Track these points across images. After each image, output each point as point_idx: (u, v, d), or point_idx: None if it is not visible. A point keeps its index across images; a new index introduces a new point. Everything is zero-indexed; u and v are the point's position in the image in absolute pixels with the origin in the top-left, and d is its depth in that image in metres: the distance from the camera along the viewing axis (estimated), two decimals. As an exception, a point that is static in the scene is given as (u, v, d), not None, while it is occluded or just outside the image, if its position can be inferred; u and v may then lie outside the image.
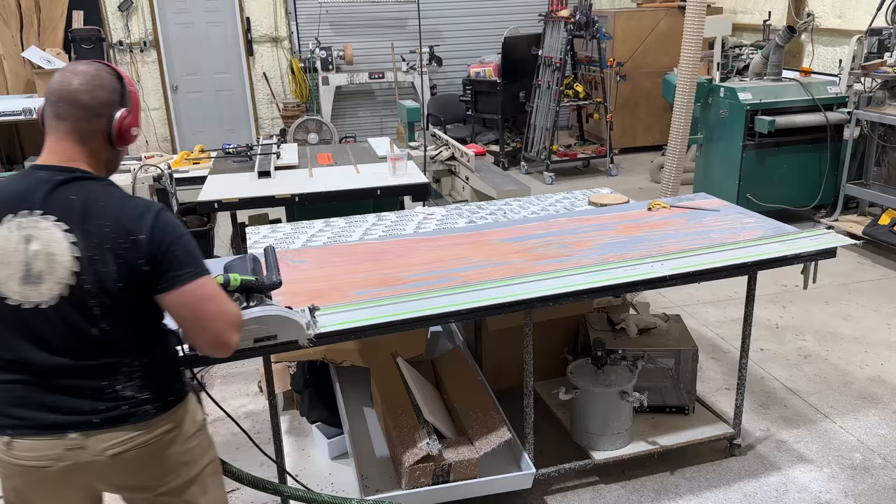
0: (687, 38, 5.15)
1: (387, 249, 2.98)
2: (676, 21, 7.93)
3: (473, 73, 8.42)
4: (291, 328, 2.02)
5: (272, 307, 1.96)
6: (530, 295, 2.48)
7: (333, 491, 2.90)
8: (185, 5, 8.48)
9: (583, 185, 7.24)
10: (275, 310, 1.96)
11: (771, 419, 3.43)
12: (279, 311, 1.98)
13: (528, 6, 9.16)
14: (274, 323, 1.97)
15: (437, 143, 5.16)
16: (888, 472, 3.04)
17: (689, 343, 3.25)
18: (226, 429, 3.52)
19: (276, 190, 3.94)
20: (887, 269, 5.15)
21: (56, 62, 7.08)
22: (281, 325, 1.99)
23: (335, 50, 8.61)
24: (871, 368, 3.86)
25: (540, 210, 3.56)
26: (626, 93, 8.39)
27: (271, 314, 1.94)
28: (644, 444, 3.03)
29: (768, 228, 3.05)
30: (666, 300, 4.66)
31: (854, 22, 6.76)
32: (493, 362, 3.40)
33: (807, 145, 5.92)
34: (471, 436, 2.70)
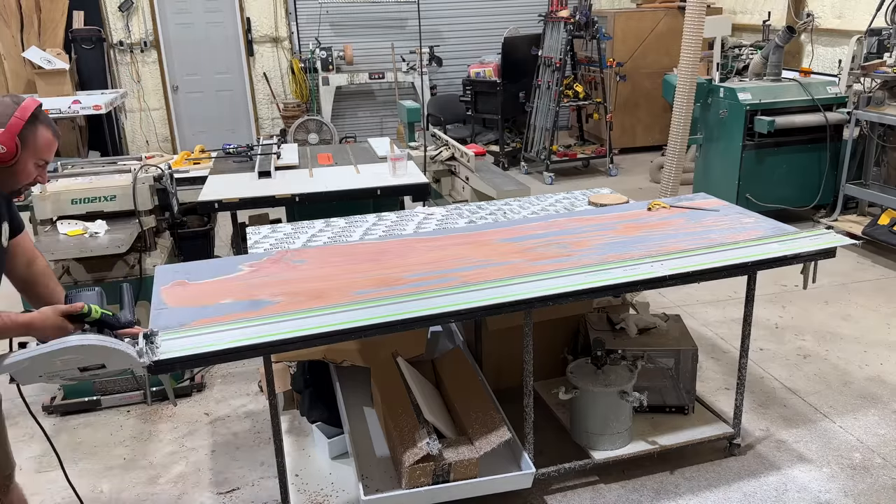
0: (687, 39, 5.15)
1: (387, 249, 2.98)
2: (676, 21, 7.93)
3: (473, 73, 8.42)
4: (118, 357, 1.97)
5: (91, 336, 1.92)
6: (530, 295, 2.48)
7: (334, 490, 2.90)
8: (185, 5, 8.48)
9: (583, 185, 7.25)
10: (93, 339, 1.91)
11: (770, 419, 3.44)
12: (99, 340, 1.92)
13: (528, 6, 9.16)
14: (97, 352, 1.92)
15: (437, 144, 5.16)
16: (888, 472, 3.04)
17: (689, 343, 3.26)
18: (226, 429, 3.52)
19: (276, 190, 3.94)
20: (887, 269, 5.15)
21: (56, 62, 7.09)
22: (104, 355, 1.94)
23: (335, 50, 8.61)
24: (871, 368, 3.86)
25: (540, 210, 3.57)
26: (626, 93, 8.40)
27: (88, 344, 1.90)
28: (644, 444, 3.03)
29: (768, 228, 3.05)
30: (666, 300, 4.67)
31: (854, 22, 6.77)
32: (493, 362, 3.40)
33: (806, 145, 5.92)
34: (471, 435, 2.70)
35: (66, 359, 1.88)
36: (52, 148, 2.01)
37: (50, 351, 1.87)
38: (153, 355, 2.06)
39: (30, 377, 1.91)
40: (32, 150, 1.94)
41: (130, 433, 3.50)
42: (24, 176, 1.97)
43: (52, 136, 2.00)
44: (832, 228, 4.91)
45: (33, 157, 1.95)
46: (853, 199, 5.93)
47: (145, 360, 2.02)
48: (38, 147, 1.95)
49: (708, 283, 4.41)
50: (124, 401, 3.71)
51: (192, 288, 2.62)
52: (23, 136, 1.90)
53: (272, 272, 2.76)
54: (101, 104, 6.15)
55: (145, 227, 3.68)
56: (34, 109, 1.94)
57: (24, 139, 1.91)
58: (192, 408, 3.71)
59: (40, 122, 1.95)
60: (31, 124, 1.93)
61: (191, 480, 3.15)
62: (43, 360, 1.87)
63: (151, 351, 2.07)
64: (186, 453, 3.34)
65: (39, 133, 1.94)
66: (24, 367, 1.87)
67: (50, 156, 2.01)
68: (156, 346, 2.10)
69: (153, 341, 2.11)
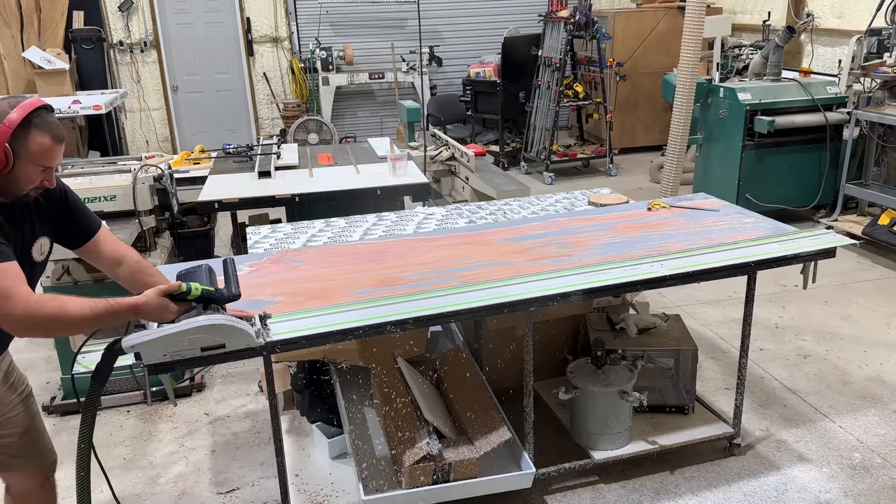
0: (687, 39, 5.15)
1: (387, 249, 2.98)
2: (676, 21, 7.93)
3: (473, 73, 8.42)
4: (239, 337, 2.03)
5: (218, 316, 1.97)
6: (530, 295, 2.48)
7: (334, 490, 2.90)
8: (185, 5, 8.48)
9: (582, 185, 7.25)
10: (220, 319, 1.97)
11: (770, 419, 3.44)
12: (226, 320, 1.98)
13: (528, 6, 9.16)
14: (220, 332, 1.98)
15: (437, 144, 5.16)
16: (887, 472, 3.04)
17: (689, 343, 3.26)
18: (226, 429, 3.52)
19: (276, 190, 3.94)
20: (886, 269, 5.15)
21: (56, 62, 7.09)
22: (228, 335, 2.00)
23: (335, 50, 8.61)
24: (871, 368, 3.86)
25: (540, 210, 3.57)
26: (626, 93, 8.40)
27: (217, 323, 1.96)
28: (644, 444, 3.03)
29: (768, 228, 3.06)
30: (666, 300, 4.67)
31: (853, 22, 6.77)
32: (493, 362, 3.40)
33: (806, 145, 5.92)
34: (471, 435, 2.70)
35: (193, 338, 1.95)
36: (50, 153, 1.92)
37: (182, 330, 1.93)
38: (268, 336, 2.14)
39: (156, 355, 1.97)
40: (29, 157, 1.87)
41: (130, 433, 3.50)
42: (25, 182, 1.91)
43: (50, 140, 1.90)
44: (832, 228, 4.91)
45: (31, 163, 1.88)
46: (853, 199, 5.93)
47: (261, 340, 2.10)
48: (34, 154, 1.88)
49: (708, 283, 4.40)
50: (124, 401, 3.71)
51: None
52: (13, 145, 1.84)
53: (272, 272, 2.76)
54: (101, 104, 6.15)
55: (145, 227, 3.68)
56: (28, 114, 1.86)
57: (16, 147, 1.85)
58: (192, 408, 3.71)
59: (35, 128, 1.87)
60: (24, 130, 1.85)
61: (191, 480, 3.15)
62: (174, 338, 1.94)
63: (266, 332, 2.15)
64: (186, 453, 3.34)
65: (33, 139, 1.86)
66: (155, 346, 1.94)
67: (51, 161, 1.92)
68: (269, 329, 2.17)
69: (266, 324, 2.19)
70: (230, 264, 2.15)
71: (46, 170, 1.95)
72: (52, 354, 3.77)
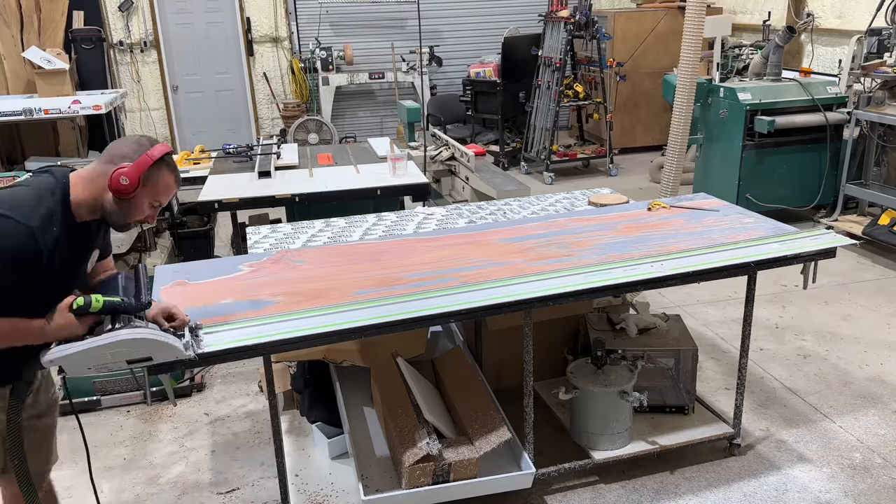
0: (687, 38, 5.15)
1: (387, 249, 2.98)
2: (676, 21, 7.93)
3: (473, 73, 8.42)
4: (166, 350, 1.99)
5: (140, 330, 1.93)
6: (530, 295, 2.48)
7: (334, 490, 2.90)
8: (185, 5, 8.48)
9: (583, 185, 7.25)
10: (143, 333, 1.93)
11: (771, 419, 3.44)
12: (148, 333, 1.94)
13: (528, 6, 9.16)
14: (143, 346, 1.94)
15: (437, 144, 5.16)
16: (888, 472, 3.04)
17: (689, 343, 3.26)
18: (226, 429, 3.52)
19: (276, 190, 3.94)
20: (887, 269, 5.15)
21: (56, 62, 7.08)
22: (153, 348, 1.96)
23: (335, 50, 8.61)
24: (871, 368, 3.86)
25: (540, 210, 3.57)
26: (626, 93, 8.40)
27: (138, 338, 1.92)
28: (644, 444, 3.03)
29: (768, 228, 3.05)
30: (666, 300, 4.67)
31: (854, 22, 6.76)
32: (493, 362, 3.40)
33: (806, 145, 5.92)
34: (471, 435, 2.70)
35: (116, 351, 1.92)
36: (169, 193, 2.08)
37: (102, 344, 1.89)
38: (198, 348, 2.12)
39: (79, 369, 1.95)
40: (151, 190, 2.02)
41: (130, 433, 3.50)
42: (136, 212, 2.03)
43: (174, 182, 2.07)
44: (832, 228, 4.91)
45: (150, 196, 2.02)
46: (853, 199, 5.93)
47: (191, 352, 2.07)
48: (158, 188, 2.03)
49: (708, 283, 4.40)
50: (124, 401, 3.71)
51: (192, 288, 2.62)
52: (147, 175, 1.98)
53: (272, 272, 2.76)
54: (101, 104, 6.14)
55: (145, 227, 3.68)
56: (164, 153, 2.02)
57: (148, 178, 1.98)
58: (192, 408, 3.71)
59: (166, 166, 2.03)
60: (158, 165, 2.00)
61: (191, 480, 3.15)
62: (94, 352, 1.90)
63: (196, 344, 2.12)
64: (186, 453, 3.34)
65: (163, 176, 2.02)
66: (75, 360, 1.90)
67: (165, 200, 2.09)
68: (200, 340, 2.15)
69: (198, 335, 2.17)
70: (141, 272, 2.14)
71: (156, 206, 2.08)
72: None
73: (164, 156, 2.03)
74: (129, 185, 1.95)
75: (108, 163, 1.98)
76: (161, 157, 2.01)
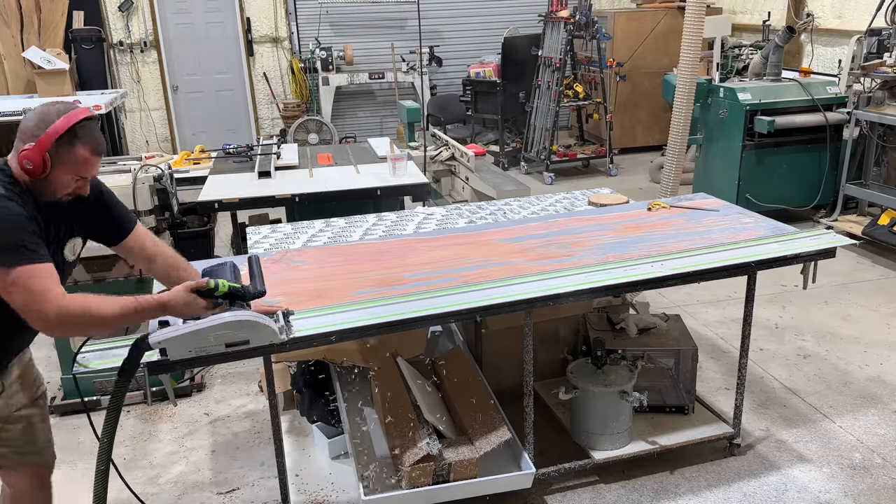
0: (687, 39, 5.15)
1: (387, 249, 2.98)
2: (676, 21, 7.93)
3: (473, 73, 8.42)
4: (264, 333, 2.04)
5: (244, 312, 1.99)
6: (530, 295, 2.48)
7: (334, 490, 2.91)
8: (185, 5, 8.48)
9: (583, 185, 7.24)
10: (245, 315, 1.98)
11: (770, 419, 3.44)
12: (251, 316, 2.00)
13: (528, 6, 9.16)
14: (246, 328, 2.00)
15: (437, 144, 5.16)
16: (888, 472, 3.04)
17: (689, 343, 3.26)
18: (226, 429, 3.52)
19: (276, 190, 3.94)
20: (886, 269, 5.15)
21: (56, 62, 7.08)
22: (253, 331, 2.01)
23: (335, 50, 8.61)
24: (871, 368, 3.86)
25: (540, 210, 3.57)
26: (626, 93, 8.40)
27: (243, 319, 1.97)
28: (644, 444, 3.03)
29: (768, 228, 3.06)
30: (666, 300, 4.67)
31: (853, 22, 6.77)
32: (493, 362, 3.40)
33: (806, 145, 5.92)
34: (471, 435, 2.70)
35: (218, 334, 1.96)
36: (88, 164, 1.94)
37: (208, 326, 1.94)
38: (290, 333, 2.16)
39: (182, 351, 1.98)
40: (67, 167, 1.90)
41: (130, 433, 3.50)
42: (60, 188, 1.94)
43: (91, 153, 1.92)
44: (832, 228, 4.91)
45: (68, 172, 1.91)
46: (853, 199, 5.93)
47: (284, 336, 2.12)
48: (73, 164, 1.90)
49: (708, 283, 4.41)
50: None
51: (192, 288, 2.61)
52: (54, 154, 1.87)
53: (272, 272, 2.76)
54: (101, 104, 6.15)
55: (145, 227, 3.67)
56: (74, 124, 1.87)
57: (56, 156, 1.87)
58: (192, 408, 3.71)
59: (78, 139, 1.89)
60: (67, 140, 1.87)
61: (191, 480, 3.15)
62: (200, 335, 1.95)
63: (289, 329, 2.16)
64: (186, 453, 3.34)
65: (75, 150, 1.89)
66: (180, 342, 1.95)
67: (87, 172, 1.96)
68: (291, 325, 2.19)
69: (289, 320, 2.20)
70: (255, 262, 2.18)
71: (81, 179, 1.98)
72: (53, 354, 3.76)
73: (72, 128, 1.87)
74: (35, 168, 1.85)
75: (19, 140, 1.88)
76: (67, 131, 1.86)
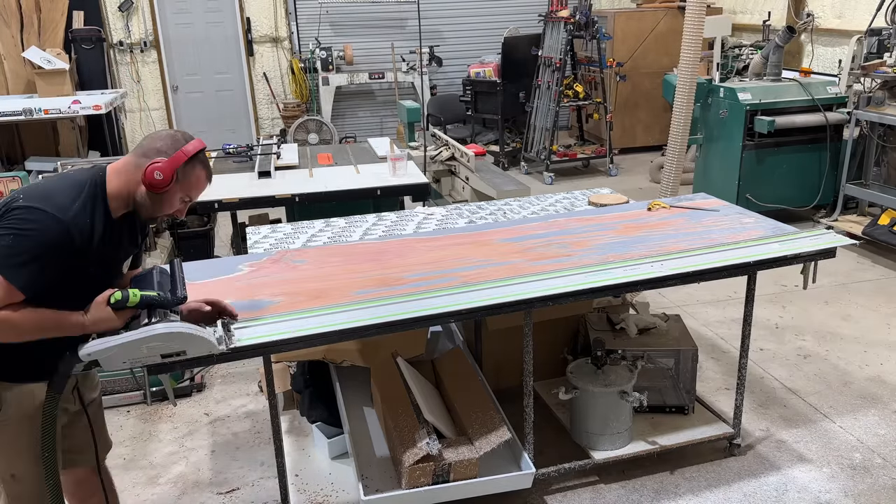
0: (687, 39, 5.15)
1: (387, 249, 2.98)
2: (676, 21, 7.93)
3: (473, 73, 8.42)
4: (200, 344, 2.00)
5: (175, 324, 1.95)
6: (530, 295, 2.48)
7: (334, 490, 2.91)
8: (185, 5, 8.48)
9: (583, 185, 7.25)
10: (178, 326, 1.94)
11: (771, 419, 3.44)
12: (184, 328, 1.95)
13: (528, 6, 9.16)
14: (178, 340, 1.95)
15: (437, 144, 5.16)
16: (888, 472, 3.04)
17: (689, 343, 3.26)
18: (226, 429, 3.52)
19: (276, 190, 3.94)
20: (887, 269, 5.15)
21: (56, 62, 7.08)
22: (187, 342, 1.97)
23: (335, 50, 8.61)
24: (871, 368, 3.86)
25: (540, 210, 3.57)
26: (626, 93, 8.40)
27: (174, 331, 1.93)
28: (644, 444, 3.03)
29: (768, 228, 3.05)
30: (666, 300, 4.67)
31: (854, 22, 6.77)
32: (493, 362, 3.40)
33: (806, 145, 5.92)
34: (471, 435, 2.70)
35: (151, 346, 1.92)
36: (201, 188, 2.08)
37: (138, 338, 1.90)
38: (230, 342, 2.12)
39: (115, 363, 1.95)
40: (184, 186, 2.02)
41: (130, 433, 3.50)
42: (167, 206, 2.04)
43: (206, 178, 2.08)
44: (832, 228, 4.91)
45: (182, 191, 2.03)
46: (853, 199, 5.93)
47: (223, 346, 2.08)
48: (191, 184, 2.04)
49: (708, 283, 4.41)
50: (124, 401, 3.71)
51: (193, 288, 2.61)
52: (181, 171, 1.99)
53: (272, 272, 2.76)
54: (101, 104, 6.14)
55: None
56: (198, 150, 2.03)
57: (181, 173, 1.99)
58: (192, 408, 3.71)
59: (199, 162, 2.04)
60: (192, 161, 2.01)
61: (191, 480, 3.15)
62: (131, 347, 1.91)
63: (229, 339, 2.13)
64: (186, 453, 3.34)
65: (196, 172, 2.03)
66: (111, 354, 1.91)
67: (197, 195, 2.09)
68: (232, 334, 2.16)
69: (230, 329, 2.17)
70: (177, 266, 2.14)
71: (187, 202, 2.09)
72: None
73: (199, 152, 2.03)
74: (163, 181, 1.96)
75: (142, 156, 1.98)
76: (195, 154, 2.02)
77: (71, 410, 2.19)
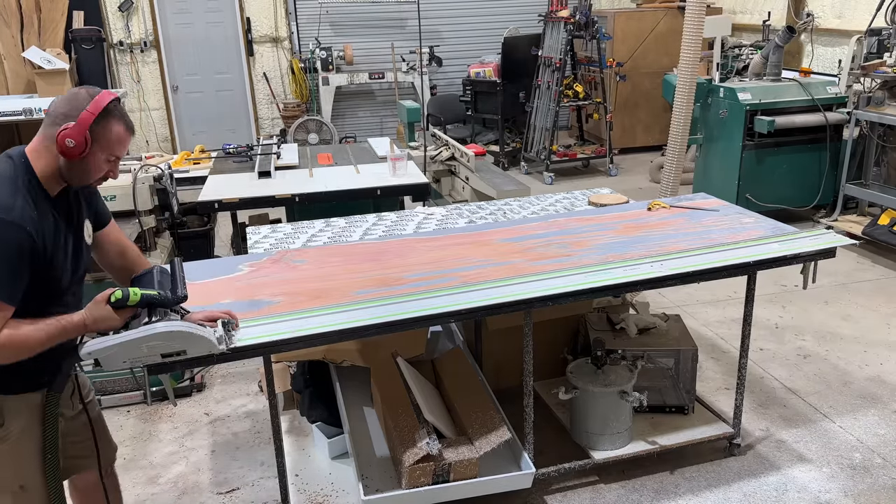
0: (687, 39, 5.15)
1: (387, 249, 2.98)
2: (676, 21, 7.93)
3: (473, 73, 8.43)
4: (200, 344, 1.99)
5: (176, 323, 1.94)
6: (530, 295, 2.48)
7: (334, 490, 2.91)
8: (185, 5, 8.48)
9: (583, 185, 7.25)
10: (178, 325, 1.93)
11: (770, 419, 3.44)
12: (184, 326, 1.94)
13: (528, 6, 9.16)
14: (180, 339, 1.94)
15: (437, 143, 5.16)
16: (887, 472, 3.04)
17: (689, 343, 3.26)
18: (226, 429, 3.52)
19: (276, 190, 3.94)
20: (887, 269, 5.15)
21: (56, 62, 7.08)
22: (187, 341, 1.96)
23: (335, 50, 8.61)
24: (871, 368, 3.86)
25: (540, 210, 3.57)
26: (626, 93, 8.40)
27: (174, 330, 1.92)
28: (644, 444, 3.03)
29: (768, 228, 3.05)
30: (666, 300, 4.67)
31: (853, 22, 6.77)
32: (493, 362, 3.40)
33: (806, 145, 5.92)
34: (471, 435, 2.70)
35: (151, 345, 1.91)
36: (123, 143, 1.96)
37: (138, 337, 1.89)
38: (231, 342, 2.11)
39: (115, 362, 1.93)
40: (103, 145, 1.90)
41: (130, 433, 3.50)
42: (95, 170, 1.94)
43: (125, 130, 1.95)
44: (832, 228, 4.91)
45: (104, 151, 1.91)
46: (853, 199, 5.93)
47: (223, 346, 2.06)
48: (110, 142, 1.91)
49: (708, 283, 4.41)
50: (124, 401, 3.71)
51: (193, 288, 2.61)
52: (93, 131, 1.87)
53: (272, 272, 2.76)
54: (101, 104, 6.15)
55: (145, 227, 3.68)
56: (108, 103, 1.89)
57: (95, 134, 1.88)
58: (192, 408, 3.71)
59: (113, 117, 1.91)
60: (104, 119, 1.88)
61: (191, 480, 3.15)
62: (131, 345, 1.89)
63: (229, 338, 2.11)
64: (186, 453, 3.34)
65: (111, 128, 1.90)
66: (111, 353, 1.90)
67: (122, 151, 1.97)
68: (232, 334, 2.15)
69: (229, 329, 2.15)
70: (177, 265, 2.12)
71: (114, 160, 1.98)
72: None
73: (108, 105, 1.89)
74: (77, 147, 1.85)
75: (51, 125, 1.87)
76: (104, 109, 1.88)
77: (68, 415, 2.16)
